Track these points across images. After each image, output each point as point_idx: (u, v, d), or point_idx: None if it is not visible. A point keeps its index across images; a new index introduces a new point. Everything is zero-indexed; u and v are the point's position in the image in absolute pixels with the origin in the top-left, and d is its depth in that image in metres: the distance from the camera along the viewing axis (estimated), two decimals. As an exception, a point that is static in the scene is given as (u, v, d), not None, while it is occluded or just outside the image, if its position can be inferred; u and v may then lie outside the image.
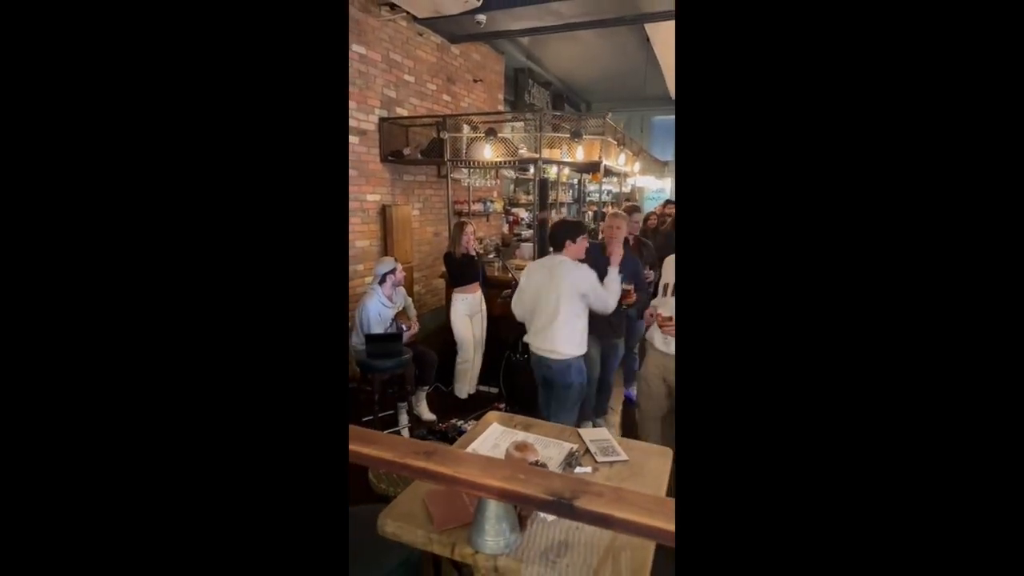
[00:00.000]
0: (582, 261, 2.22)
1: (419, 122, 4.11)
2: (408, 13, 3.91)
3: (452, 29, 4.53)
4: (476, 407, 3.14)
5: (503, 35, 4.85)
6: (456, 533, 1.06)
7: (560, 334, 2.15)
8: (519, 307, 2.34)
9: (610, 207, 7.08)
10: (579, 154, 3.86)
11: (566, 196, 6.90)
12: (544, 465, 1.21)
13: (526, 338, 2.31)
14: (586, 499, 0.87)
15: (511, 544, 1.02)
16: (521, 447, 1.25)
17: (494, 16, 4.11)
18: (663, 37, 5.65)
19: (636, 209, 3.39)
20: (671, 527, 0.86)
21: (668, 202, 6.23)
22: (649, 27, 5.28)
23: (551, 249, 2.28)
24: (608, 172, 4.75)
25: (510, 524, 1.03)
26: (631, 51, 6.09)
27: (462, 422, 2.94)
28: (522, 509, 1.09)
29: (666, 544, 0.80)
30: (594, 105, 8.69)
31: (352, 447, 0.94)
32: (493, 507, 1.00)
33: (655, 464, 1.39)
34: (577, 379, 2.19)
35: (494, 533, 1.00)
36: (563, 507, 0.87)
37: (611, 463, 1.40)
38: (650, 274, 2.83)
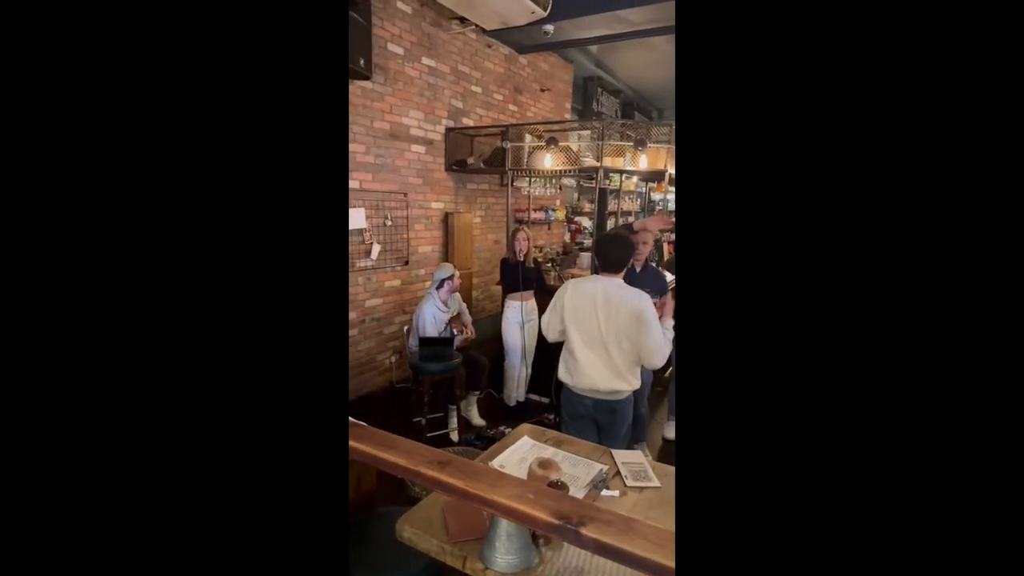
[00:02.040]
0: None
1: (484, 132, 4.19)
2: (477, 26, 4.01)
3: (520, 40, 4.59)
4: (527, 415, 3.13)
5: (571, 44, 4.85)
6: (469, 546, 1.06)
7: (621, 370, 1.80)
8: (553, 331, 1.93)
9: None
10: (643, 162, 3.76)
11: (633, 205, 6.74)
12: (566, 485, 1.19)
13: (563, 375, 1.91)
14: (594, 526, 0.84)
15: (522, 563, 1.01)
16: (544, 464, 1.23)
17: (562, 26, 4.11)
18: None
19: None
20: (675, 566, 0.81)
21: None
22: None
23: (599, 267, 1.91)
24: (672, 181, 4.58)
25: (522, 543, 1.01)
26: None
27: (509, 429, 2.95)
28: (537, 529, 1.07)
29: (674, 584, 0.75)
30: (665, 112, 8.43)
31: (369, 449, 0.97)
32: (504, 524, 0.99)
33: (689, 494, 1.32)
34: (631, 414, 1.92)
35: (504, 551, 0.99)
36: (569, 532, 0.85)
37: (641, 488, 1.34)
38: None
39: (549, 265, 4.00)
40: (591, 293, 1.81)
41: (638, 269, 2.59)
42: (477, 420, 3.14)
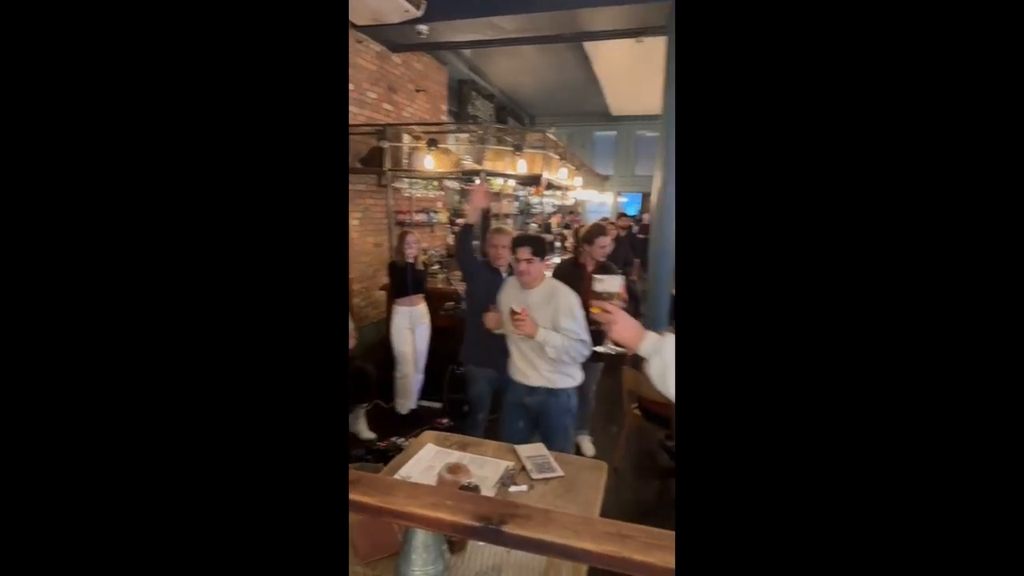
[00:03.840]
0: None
1: (359, 131, 4.00)
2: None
3: (393, 38, 4.47)
4: (418, 423, 3.06)
5: (445, 46, 4.85)
6: (383, 564, 1.01)
7: (538, 364, 1.90)
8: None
9: (555, 219, 7.19)
10: (521, 167, 3.90)
11: (511, 208, 6.95)
12: (477, 487, 1.18)
13: (513, 372, 1.99)
14: (515, 523, 0.85)
15: (441, 572, 0.98)
16: (454, 469, 1.22)
17: (436, 27, 4.09)
18: (602, 55, 5.85)
19: (601, 232, 2.70)
20: (599, 548, 0.85)
21: (621, 215, 6.40)
22: (588, 45, 5.45)
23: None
24: (550, 185, 4.82)
25: (439, 552, 0.99)
26: (572, 68, 6.25)
27: (402, 440, 2.86)
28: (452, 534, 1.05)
29: (595, 566, 0.79)
30: (537, 119, 8.84)
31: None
32: (421, 536, 0.96)
33: (589, 478, 1.39)
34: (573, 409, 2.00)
35: (422, 563, 0.96)
36: (491, 533, 0.85)
37: (546, 480, 1.39)
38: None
39: (436, 268, 3.95)
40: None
41: (503, 273, 2.36)
42: (366, 433, 2.99)
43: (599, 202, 9.47)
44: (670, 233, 4.25)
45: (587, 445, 2.95)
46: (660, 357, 0.92)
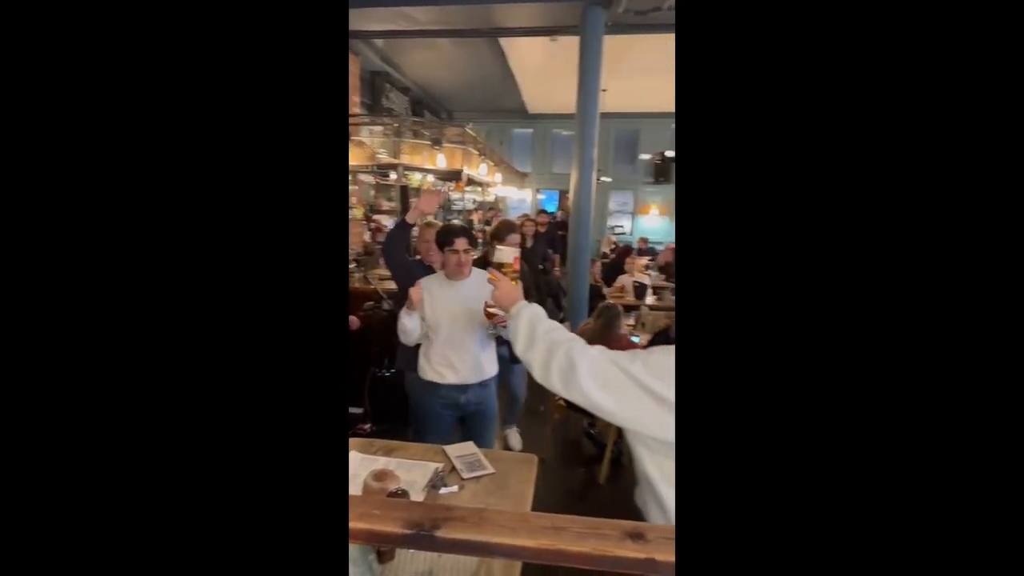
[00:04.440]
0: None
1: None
2: None
3: (298, 22, 4.20)
4: (338, 430, 2.90)
5: (356, 35, 4.64)
6: (305, 586, 0.93)
7: (485, 354, 1.90)
8: (417, 330, 1.87)
9: (476, 215, 7.17)
10: (441, 162, 3.83)
11: (430, 204, 6.82)
12: (406, 492, 1.14)
13: (434, 371, 1.89)
14: (448, 527, 0.82)
15: (370, 586, 0.93)
16: (380, 476, 1.16)
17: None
18: (518, 52, 5.91)
19: (512, 229, 2.67)
20: (536, 543, 0.85)
21: (541, 211, 6.50)
22: (504, 42, 5.47)
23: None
24: (471, 181, 4.80)
25: (368, 564, 0.93)
26: (489, 64, 6.25)
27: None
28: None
29: (532, 562, 0.78)
30: (455, 114, 8.75)
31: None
32: (349, 550, 0.90)
33: (520, 473, 1.39)
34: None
35: (349, 578, 0.90)
36: (424, 540, 0.81)
37: (478, 478, 1.37)
38: None
39: (353, 266, 3.78)
40: (445, 283, 1.95)
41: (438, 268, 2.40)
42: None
43: (519, 199, 9.59)
44: (587, 229, 4.39)
45: (515, 439, 2.98)
46: (517, 320, 1.03)
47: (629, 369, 0.88)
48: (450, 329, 1.85)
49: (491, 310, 1.66)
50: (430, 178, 5.56)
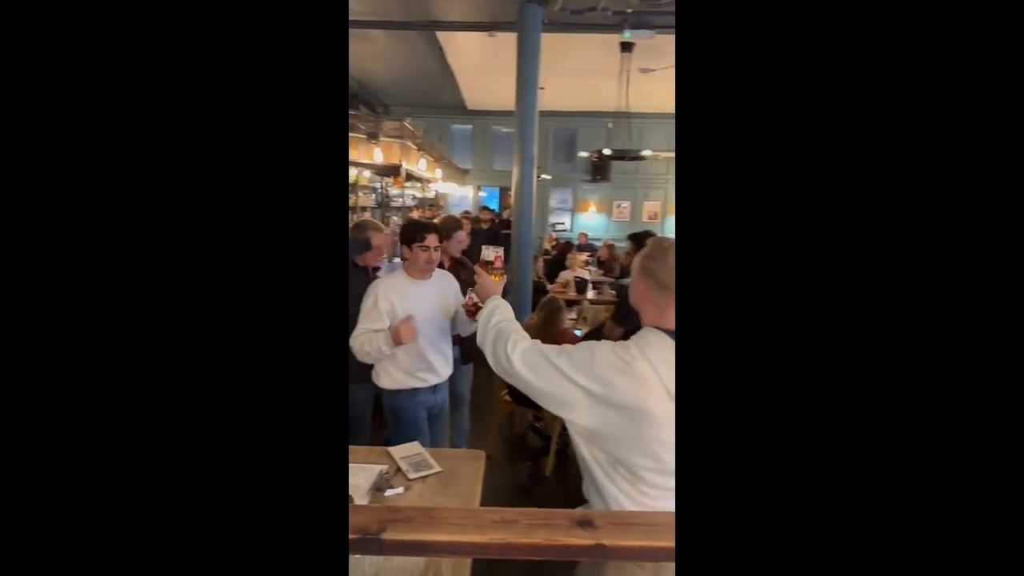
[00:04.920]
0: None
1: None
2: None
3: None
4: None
5: (284, 22, 4.40)
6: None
7: (447, 353, 1.86)
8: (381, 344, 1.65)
9: (416, 213, 7.05)
10: (378, 156, 3.72)
11: (368, 200, 6.62)
12: (350, 497, 1.09)
13: (413, 377, 1.78)
14: (395, 529, 0.80)
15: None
16: (321, 481, 1.11)
17: None
18: (456, 47, 5.84)
19: (457, 226, 2.54)
20: (485, 539, 0.84)
21: (484, 208, 6.46)
22: (442, 36, 5.39)
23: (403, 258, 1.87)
24: (410, 177, 4.69)
25: None
26: (426, 58, 6.14)
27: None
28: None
29: (484, 557, 0.77)
30: (392, 109, 8.53)
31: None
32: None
33: (468, 470, 1.38)
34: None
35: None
36: (371, 544, 0.78)
37: (424, 477, 1.34)
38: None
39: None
40: (410, 284, 1.86)
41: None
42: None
43: (460, 195, 9.51)
44: (529, 226, 4.43)
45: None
46: (487, 313, 1.14)
47: (555, 361, 0.97)
48: (425, 330, 1.75)
49: (476, 303, 1.61)
50: (367, 173, 5.39)
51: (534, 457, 2.93)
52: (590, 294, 4.64)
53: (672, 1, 3.86)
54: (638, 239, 2.97)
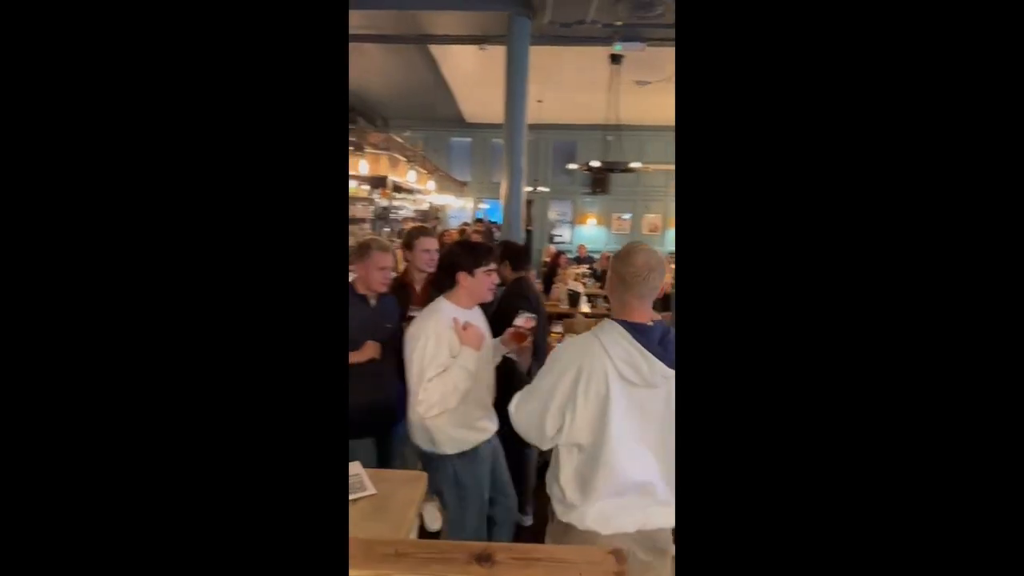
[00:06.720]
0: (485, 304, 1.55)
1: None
2: None
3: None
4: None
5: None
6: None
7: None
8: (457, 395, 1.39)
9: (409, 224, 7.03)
10: (363, 168, 3.72)
11: (366, 212, 6.61)
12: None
13: (474, 430, 1.48)
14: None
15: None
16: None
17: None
18: (450, 61, 5.88)
19: (423, 232, 2.19)
20: (372, 574, 0.78)
21: (478, 220, 6.43)
22: (435, 50, 5.43)
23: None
24: (399, 188, 4.69)
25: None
26: (422, 72, 6.17)
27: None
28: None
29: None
30: (391, 122, 8.60)
31: None
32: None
33: (404, 493, 1.31)
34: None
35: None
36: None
37: (355, 500, 1.27)
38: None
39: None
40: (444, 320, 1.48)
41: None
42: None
43: (459, 207, 9.52)
44: (518, 235, 4.39)
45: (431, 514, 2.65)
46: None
47: (530, 386, 1.16)
48: (483, 366, 1.45)
49: (521, 336, 1.44)
50: (364, 186, 5.39)
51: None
52: (584, 307, 4.56)
53: (663, 13, 3.84)
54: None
